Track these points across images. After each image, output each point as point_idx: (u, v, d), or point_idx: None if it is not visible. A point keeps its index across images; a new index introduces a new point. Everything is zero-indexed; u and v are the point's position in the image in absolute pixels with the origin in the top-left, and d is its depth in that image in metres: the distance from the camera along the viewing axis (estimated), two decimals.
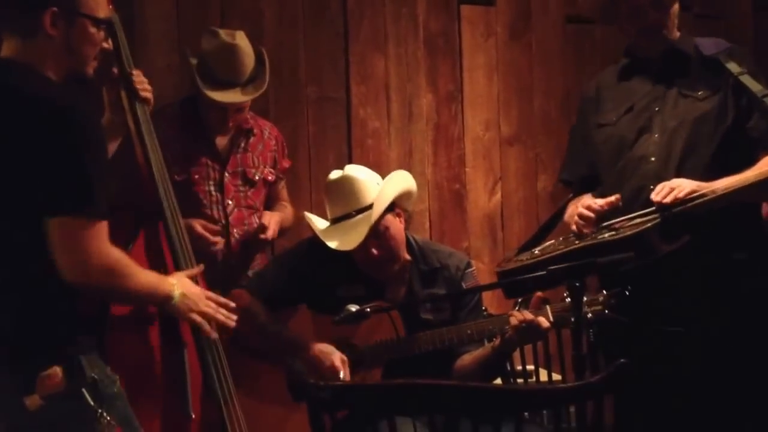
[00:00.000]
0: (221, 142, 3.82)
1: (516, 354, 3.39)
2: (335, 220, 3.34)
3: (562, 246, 3.01)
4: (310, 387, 2.19)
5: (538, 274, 2.80)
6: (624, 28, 3.15)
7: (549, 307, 3.05)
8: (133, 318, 2.87)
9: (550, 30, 4.97)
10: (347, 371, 3.20)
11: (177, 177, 3.58)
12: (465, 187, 4.79)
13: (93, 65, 2.51)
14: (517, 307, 3.25)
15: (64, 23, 2.39)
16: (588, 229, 2.98)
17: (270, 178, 3.92)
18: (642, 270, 2.84)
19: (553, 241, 3.11)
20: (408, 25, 4.70)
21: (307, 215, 3.46)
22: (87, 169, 2.32)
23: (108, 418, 2.31)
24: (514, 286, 3.05)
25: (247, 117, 3.86)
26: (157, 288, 2.63)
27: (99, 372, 2.37)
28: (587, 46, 5.02)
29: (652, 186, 2.95)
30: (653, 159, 3.02)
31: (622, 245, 2.80)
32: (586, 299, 2.90)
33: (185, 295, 2.70)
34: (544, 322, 3.01)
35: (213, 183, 3.76)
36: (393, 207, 3.31)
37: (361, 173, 3.36)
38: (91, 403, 2.31)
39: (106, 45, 2.52)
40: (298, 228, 4.00)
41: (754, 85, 2.91)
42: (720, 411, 2.93)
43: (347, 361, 3.22)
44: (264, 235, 3.76)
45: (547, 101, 4.96)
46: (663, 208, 2.83)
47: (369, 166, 3.53)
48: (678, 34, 3.17)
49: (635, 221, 2.89)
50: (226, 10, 4.34)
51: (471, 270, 3.39)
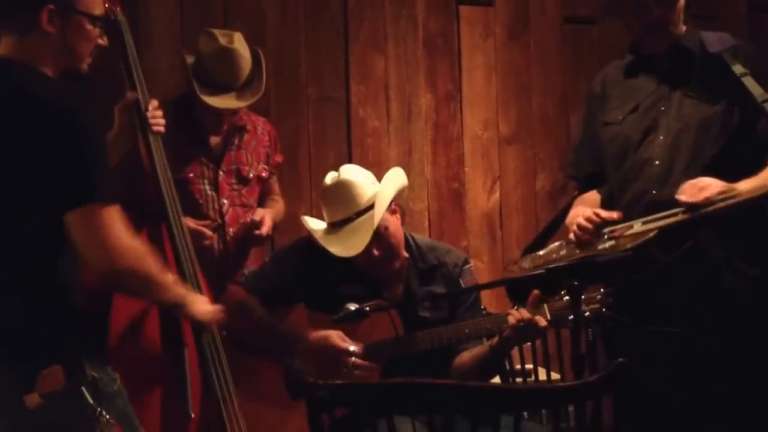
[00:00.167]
0: (215, 139, 3.80)
1: (515, 353, 3.39)
2: (334, 224, 3.32)
3: (564, 253, 3.00)
4: (308, 386, 2.20)
5: (537, 272, 2.81)
6: (629, 24, 3.09)
7: (546, 306, 3.05)
8: (134, 317, 2.88)
9: (548, 30, 4.98)
10: (356, 344, 3.19)
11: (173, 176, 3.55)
12: (464, 187, 4.79)
13: (88, 61, 2.51)
14: (515, 306, 3.26)
15: (60, 20, 2.39)
16: (587, 237, 2.96)
17: (264, 175, 3.89)
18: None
19: (557, 244, 3.08)
20: (407, 26, 4.71)
21: (304, 219, 3.44)
22: (92, 161, 2.32)
23: (107, 416, 2.31)
24: (513, 286, 3.06)
25: (241, 114, 3.84)
26: (174, 287, 2.62)
27: (99, 371, 2.37)
28: (585, 46, 5.02)
29: (654, 191, 2.95)
30: (657, 163, 2.98)
31: (621, 258, 2.79)
32: (584, 297, 2.92)
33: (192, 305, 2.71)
34: (541, 320, 3.01)
35: (208, 182, 3.74)
36: (390, 206, 3.29)
37: (356, 175, 3.33)
38: (91, 402, 2.30)
39: (101, 41, 2.52)
40: (297, 226, 4.00)
41: (756, 89, 2.85)
42: (719, 410, 2.92)
43: (344, 336, 3.20)
44: (259, 231, 3.73)
45: (545, 101, 4.96)
46: (692, 207, 2.77)
47: (368, 165, 3.53)
48: (684, 28, 3.11)
49: (636, 230, 2.87)
50: (229, 11, 4.35)
51: (468, 267, 3.39)
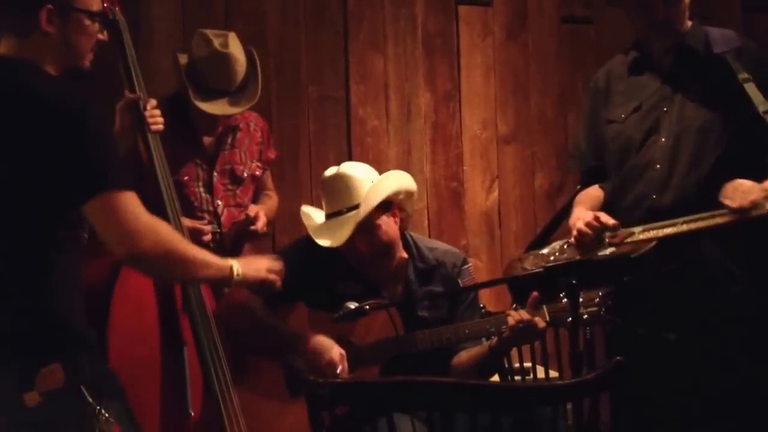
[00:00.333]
0: (208, 139, 3.77)
1: (513, 351, 3.40)
2: (328, 216, 3.33)
3: (565, 256, 3.00)
4: (309, 384, 2.20)
5: (535, 271, 2.84)
6: (634, 22, 3.08)
7: (546, 308, 3.07)
8: (134, 315, 2.88)
9: (545, 30, 4.99)
10: (345, 365, 3.17)
11: None
12: (463, 186, 4.81)
13: (89, 57, 2.50)
14: (513, 305, 3.26)
15: (59, 19, 2.38)
16: (587, 241, 2.96)
17: (258, 173, 3.86)
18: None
19: (560, 243, 3.08)
20: (407, 26, 4.72)
21: (303, 210, 3.45)
22: (101, 151, 2.32)
23: (107, 415, 2.29)
24: (512, 284, 3.07)
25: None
26: (213, 258, 2.57)
27: (98, 369, 2.37)
28: (582, 45, 5.03)
29: (655, 195, 2.96)
30: (658, 166, 3.00)
31: (621, 263, 2.82)
32: (582, 299, 2.93)
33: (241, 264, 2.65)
34: (540, 322, 3.03)
35: (202, 183, 3.71)
36: (389, 206, 3.28)
37: (357, 171, 3.33)
38: (90, 400, 2.28)
39: (101, 36, 2.51)
40: (298, 225, 4.00)
41: (757, 97, 2.86)
42: (716, 409, 2.94)
43: (345, 355, 3.19)
44: (254, 227, 3.71)
45: (543, 100, 4.97)
46: (740, 211, 2.77)
47: (368, 164, 3.52)
48: (689, 24, 3.10)
49: (636, 237, 2.88)
50: (229, 10, 4.36)
51: (467, 266, 3.39)
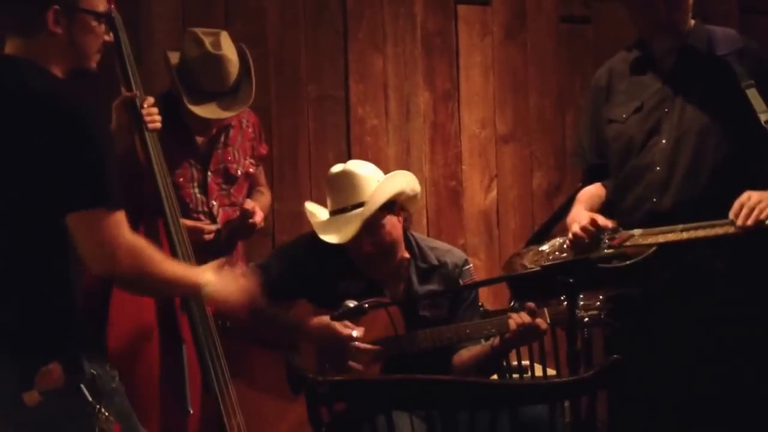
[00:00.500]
0: (200, 138, 3.71)
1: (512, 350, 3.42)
2: (333, 212, 3.34)
3: (564, 256, 2.98)
4: (308, 382, 2.19)
5: (534, 269, 2.83)
6: (636, 21, 3.07)
7: (547, 310, 3.09)
8: (133, 314, 2.88)
9: (544, 29, 5.00)
10: (356, 328, 3.18)
11: None
12: (461, 185, 4.82)
13: (96, 58, 2.50)
14: (512, 303, 3.28)
15: (66, 20, 2.38)
16: (584, 244, 2.95)
17: (252, 170, 3.82)
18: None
19: (560, 241, 3.05)
20: (406, 25, 4.73)
21: (307, 206, 3.46)
22: (101, 163, 2.32)
23: (106, 413, 2.28)
24: (512, 283, 3.08)
25: None
26: (187, 275, 2.58)
27: (98, 368, 2.35)
28: (581, 45, 5.04)
29: (655, 199, 2.95)
30: (658, 168, 2.98)
31: (620, 269, 2.82)
32: (583, 303, 2.97)
33: (215, 282, 2.61)
34: (542, 323, 3.06)
35: (197, 184, 3.67)
36: (393, 206, 3.29)
37: (363, 169, 3.35)
38: (90, 399, 2.27)
39: (107, 37, 2.51)
40: (299, 221, 4.01)
41: (759, 104, 2.84)
42: (713, 409, 2.93)
43: (347, 323, 3.19)
44: (252, 220, 3.67)
45: (542, 99, 4.98)
46: (743, 228, 2.73)
47: None
48: (693, 22, 3.07)
49: (636, 240, 2.86)
50: (229, 10, 4.37)
51: (468, 267, 3.40)
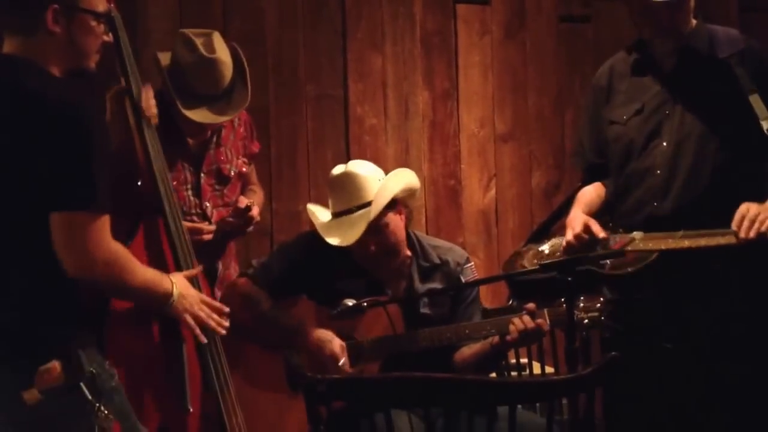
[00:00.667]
0: (192, 139, 3.67)
1: None
2: (336, 214, 3.34)
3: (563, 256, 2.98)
4: (307, 380, 2.21)
5: (532, 268, 2.84)
6: (637, 24, 3.05)
7: (547, 311, 3.09)
8: (133, 313, 2.86)
9: (543, 29, 5.00)
10: (346, 358, 3.20)
11: None
12: (460, 184, 4.82)
13: (95, 58, 2.50)
14: (510, 301, 3.28)
15: (65, 19, 2.39)
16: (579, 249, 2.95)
17: (244, 170, 3.81)
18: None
19: (559, 240, 3.06)
20: (405, 24, 4.73)
21: (309, 207, 3.46)
22: (90, 166, 2.32)
23: (106, 412, 2.30)
24: (511, 281, 3.07)
25: None
26: (157, 285, 2.63)
27: (97, 366, 2.37)
28: (580, 44, 5.04)
29: (655, 203, 2.95)
30: (659, 172, 2.97)
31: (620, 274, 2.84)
32: (583, 305, 2.97)
33: (183, 296, 2.70)
34: (543, 325, 3.06)
35: (190, 186, 3.65)
36: (395, 204, 3.30)
37: (364, 169, 3.35)
38: (89, 397, 2.29)
39: (106, 38, 2.51)
40: (298, 220, 4.02)
41: (761, 110, 2.84)
42: (713, 409, 2.93)
43: (346, 348, 3.22)
44: (251, 213, 3.65)
45: (541, 99, 4.98)
46: (745, 240, 2.73)
47: None
48: (694, 22, 3.06)
49: (636, 246, 2.87)
50: (227, 9, 4.37)
51: (469, 265, 3.40)
